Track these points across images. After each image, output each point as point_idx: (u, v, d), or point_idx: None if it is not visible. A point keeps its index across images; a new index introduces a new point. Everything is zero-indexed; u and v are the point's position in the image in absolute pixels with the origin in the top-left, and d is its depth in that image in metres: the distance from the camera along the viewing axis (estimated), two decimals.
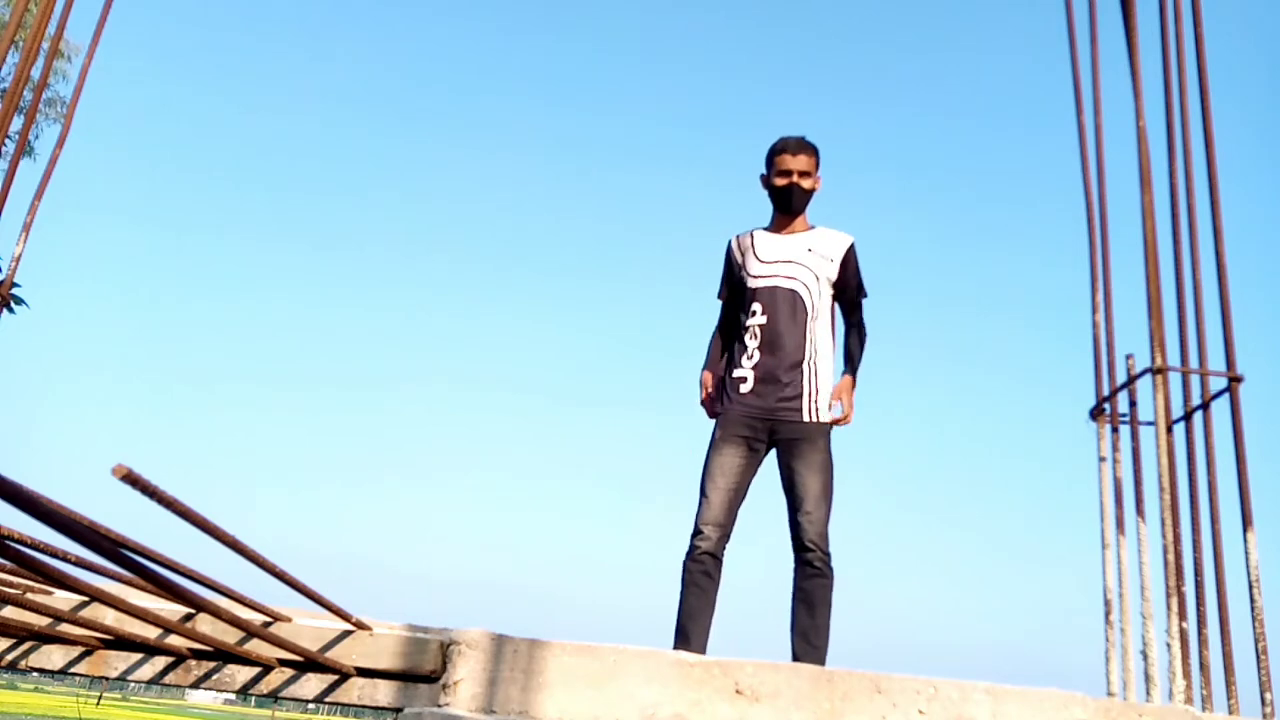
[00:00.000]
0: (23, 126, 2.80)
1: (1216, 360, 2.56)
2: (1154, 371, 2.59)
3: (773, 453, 2.97)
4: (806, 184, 3.09)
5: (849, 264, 3.11)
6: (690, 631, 2.79)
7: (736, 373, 3.03)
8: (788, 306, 3.02)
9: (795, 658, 2.77)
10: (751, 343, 3.02)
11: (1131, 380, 2.73)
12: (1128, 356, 2.77)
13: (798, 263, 3.08)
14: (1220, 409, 2.52)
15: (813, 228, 3.14)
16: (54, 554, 1.11)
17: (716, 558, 2.86)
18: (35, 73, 2.73)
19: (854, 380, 3.09)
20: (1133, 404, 2.75)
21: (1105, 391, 2.85)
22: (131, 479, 0.76)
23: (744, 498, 2.93)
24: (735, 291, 3.19)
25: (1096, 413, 2.88)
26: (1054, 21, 3.35)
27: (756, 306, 3.04)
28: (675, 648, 2.74)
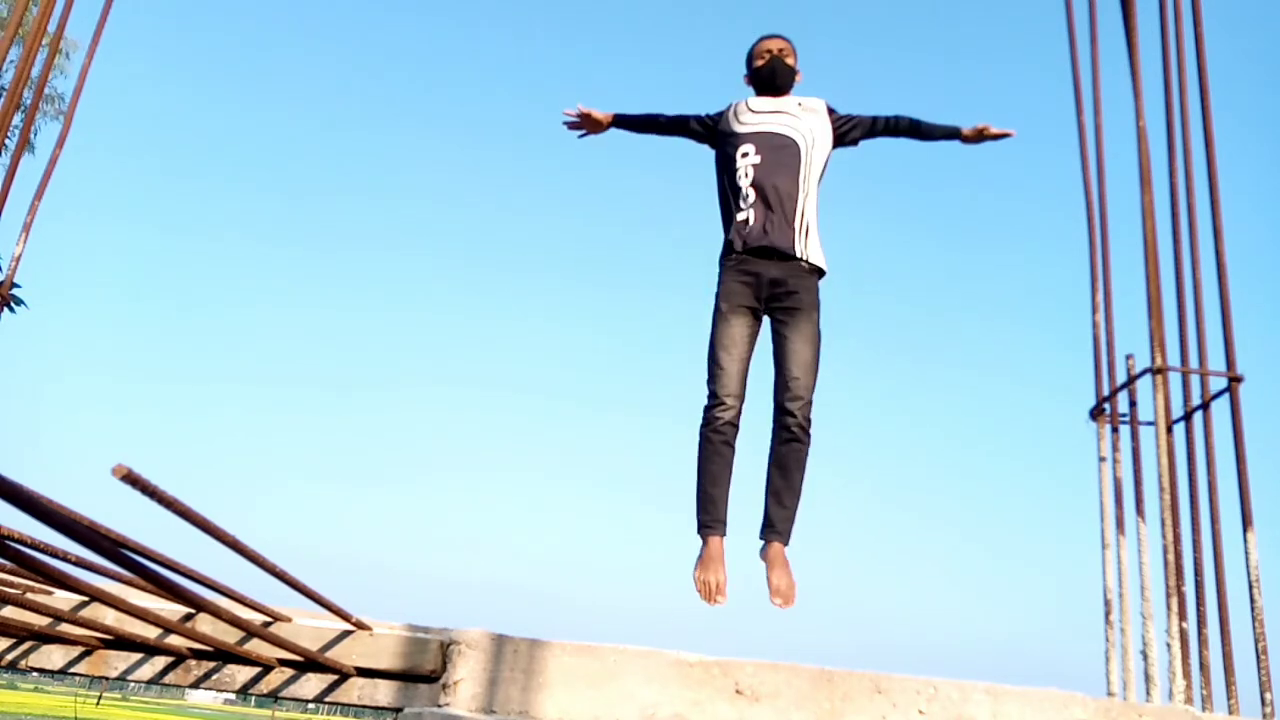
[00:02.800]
0: (23, 124, 2.80)
1: (1216, 360, 2.56)
2: (1154, 371, 2.59)
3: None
4: (790, 60, 3.10)
5: (835, 111, 3.10)
6: (716, 498, 2.79)
7: (739, 216, 2.97)
8: (780, 148, 2.98)
9: (766, 517, 2.81)
10: (744, 182, 2.96)
11: (1131, 380, 2.73)
12: (1128, 356, 2.77)
13: (788, 113, 3.06)
14: (1220, 409, 2.52)
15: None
16: (54, 554, 1.11)
17: (737, 427, 2.85)
18: (35, 70, 2.73)
19: (959, 130, 3.07)
20: (1133, 404, 2.75)
21: (1105, 391, 2.85)
22: (131, 479, 0.76)
23: (749, 368, 2.92)
24: (719, 140, 3.13)
25: (1097, 413, 2.87)
26: (1054, 22, 3.35)
27: (748, 147, 3.00)
28: (701, 514, 2.77)
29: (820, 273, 2.96)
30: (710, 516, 2.80)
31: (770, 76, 3.09)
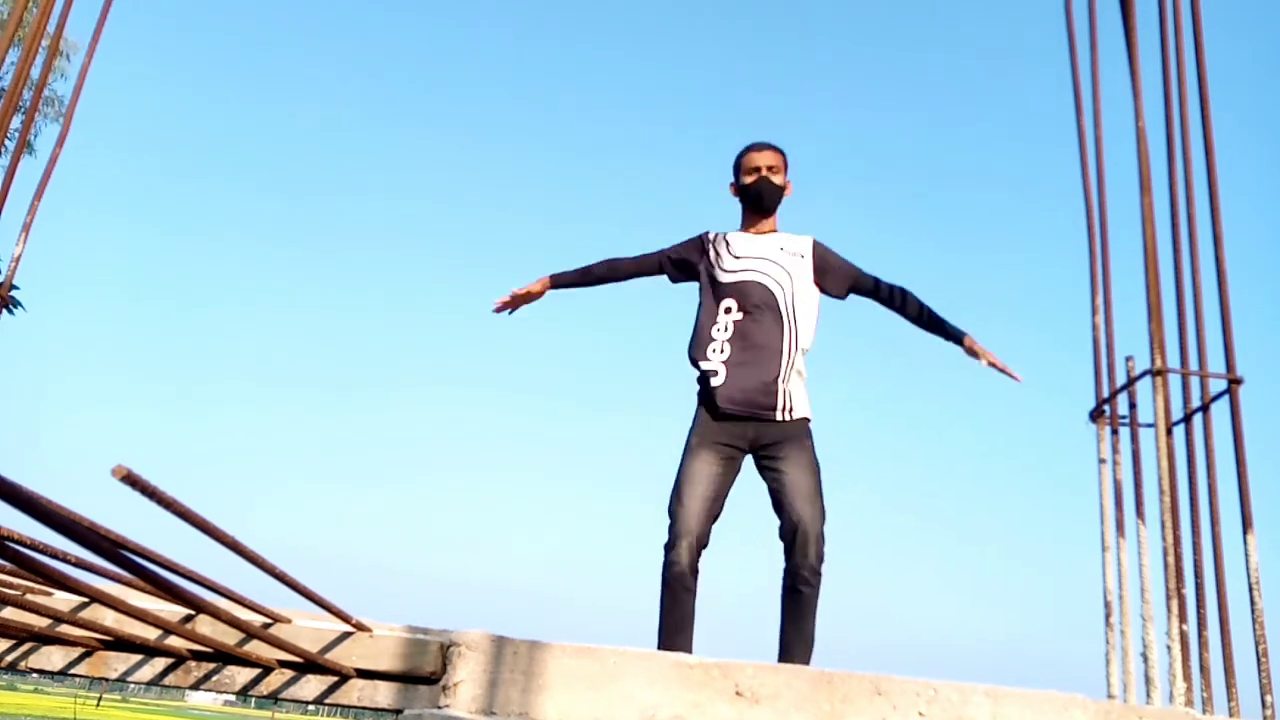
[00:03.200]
0: (22, 125, 2.80)
1: (1216, 362, 2.56)
2: (1154, 373, 2.58)
3: (751, 460, 2.83)
4: (777, 179, 2.97)
5: (825, 256, 2.98)
6: (676, 646, 2.68)
7: (704, 365, 2.85)
8: (763, 303, 2.87)
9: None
10: (721, 335, 2.85)
11: (1131, 382, 2.73)
12: (1127, 358, 2.77)
13: (772, 260, 2.94)
14: (1220, 411, 2.52)
15: (778, 232, 3.03)
16: (54, 555, 1.11)
17: (696, 572, 2.71)
18: (35, 71, 2.73)
19: (964, 335, 2.97)
20: (1132, 406, 2.75)
21: (1105, 393, 2.85)
22: (131, 479, 0.76)
23: (721, 508, 2.78)
24: (692, 276, 3.02)
25: (1096, 415, 2.87)
26: (1053, 23, 3.35)
27: (730, 302, 2.88)
28: None
29: (804, 421, 2.84)
30: None
31: (757, 198, 2.98)
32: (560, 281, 3.11)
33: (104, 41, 2.85)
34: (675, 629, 2.68)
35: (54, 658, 1.92)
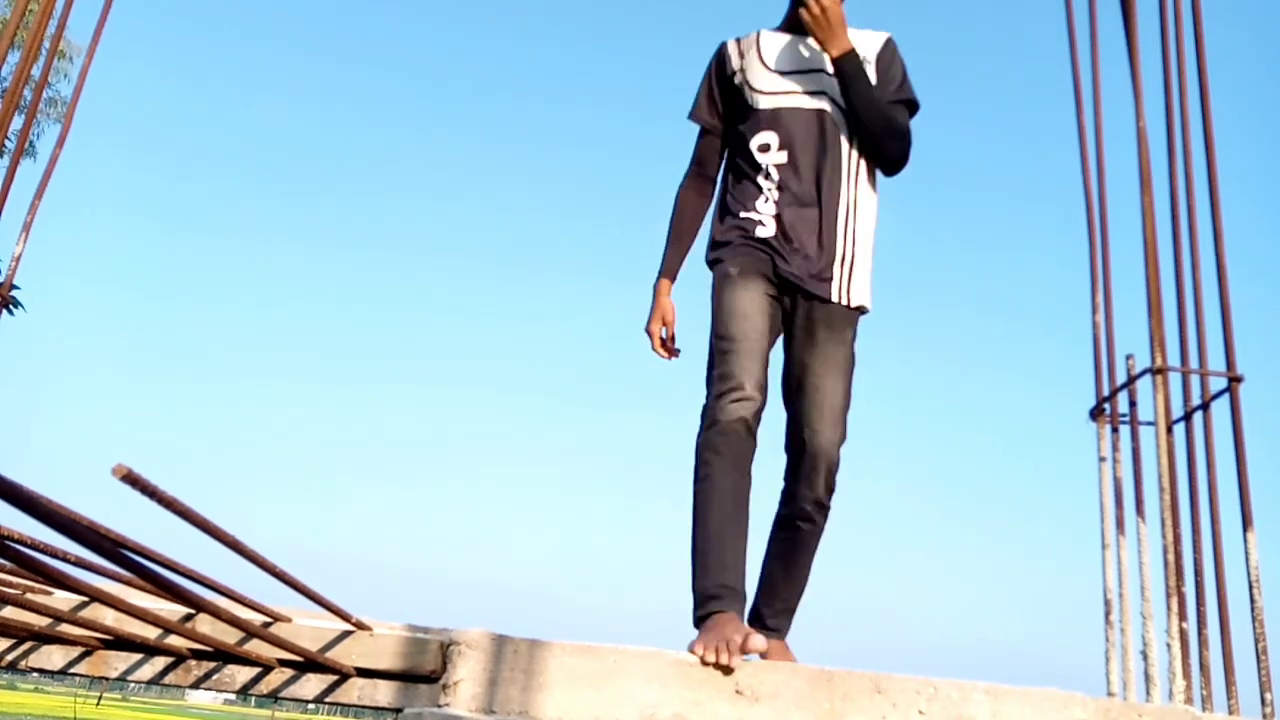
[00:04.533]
0: (23, 126, 2.80)
1: (1216, 360, 2.56)
2: (1154, 372, 2.58)
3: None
4: None
5: (888, 60, 2.23)
6: (723, 552, 1.86)
7: (744, 214, 2.14)
8: (814, 136, 2.14)
9: (755, 608, 2.15)
10: (766, 183, 2.13)
11: (1131, 380, 2.73)
12: (1128, 357, 2.77)
13: (824, 71, 2.16)
14: (1220, 409, 2.52)
15: None
16: (54, 554, 1.11)
17: (754, 434, 1.95)
18: (35, 72, 2.73)
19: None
20: (1133, 404, 2.75)
21: (1105, 392, 2.85)
22: (131, 479, 0.76)
23: (769, 361, 2.07)
24: (730, 113, 2.25)
25: (1096, 413, 2.87)
26: (1053, 21, 3.35)
27: (769, 138, 2.13)
28: (702, 580, 1.88)
29: (862, 312, 2.17)
30: (714, 583, 1.87)
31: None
32: (675, 273, 2.32)
33: (105, 41, 2.85)
34: (718, 524, 1.87)
35: (54, 657, 1.92)
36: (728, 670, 1.72)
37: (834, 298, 2.10)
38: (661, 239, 2.35)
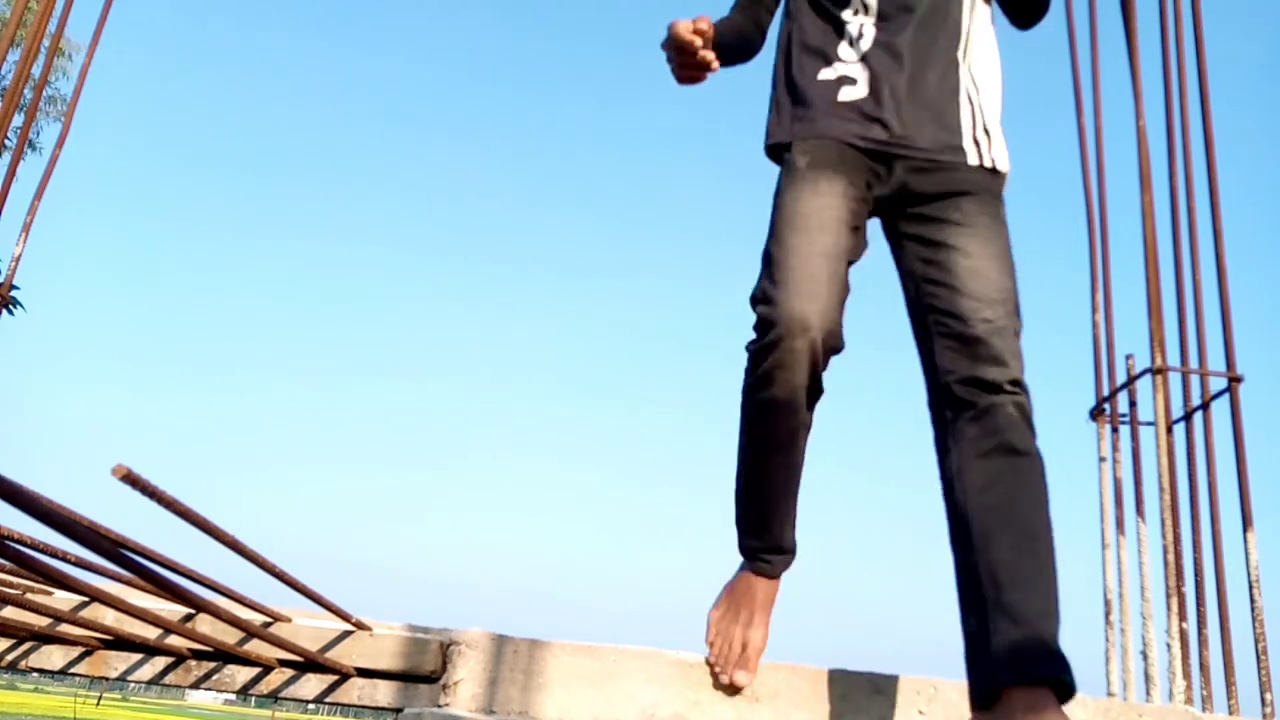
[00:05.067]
0: (23, 125, 2.80)
1: (1216, 360, 2.56)
2: (1154, 371, 2.58)
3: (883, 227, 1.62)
4: None
5: None
6: (773, 504, 1.55)
7: (825, 73, 1.57)
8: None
9: (988, 632, 1.41)
10: (855, 19, 1.59)
11: (1131, 380, 2.73)
12: (1128, 356, 2.77)
13: None
14: (1220, 409, 2.52)
15: None
16: (54, 554, 1.11)
17: (818, 373, 1.41)
18: (36, 70, 2.72)
19: None
20: (1133, 404, 2.75)
21: (1105, 391, 2.85)
22: (131, 479, 0.76)
23: (849, 290, 1.47)
24: None
25: (1096, 413, 2.87)
26: (1053, 21, 3.35)
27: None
28: (748, 533, 1.60)
29: (1001, 177, 1.60)
30: (760, 539, 1.58)
31: None
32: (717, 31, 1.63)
33: (105, 40, 2.85)
34: (768, 474, 1.53)
35: (54, 657, 1.92)
36: (734, 690, 1.67)
37: (971, 161, 1.56)
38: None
